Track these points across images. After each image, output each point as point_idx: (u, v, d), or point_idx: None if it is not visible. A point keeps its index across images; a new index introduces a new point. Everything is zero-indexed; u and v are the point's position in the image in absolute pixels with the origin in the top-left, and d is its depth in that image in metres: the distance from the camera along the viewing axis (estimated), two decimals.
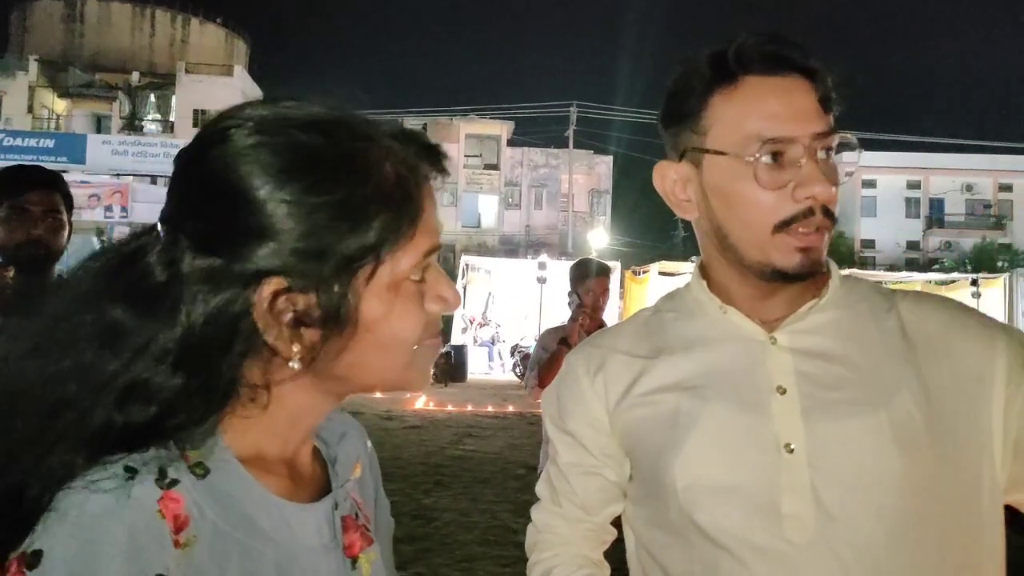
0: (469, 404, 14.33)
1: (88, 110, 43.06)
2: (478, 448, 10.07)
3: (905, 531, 0.98)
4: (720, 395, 1.06)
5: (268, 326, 0.67)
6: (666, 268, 20.00)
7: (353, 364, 0.71)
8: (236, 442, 0.71)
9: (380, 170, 0.70)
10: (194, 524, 0.65)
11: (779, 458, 1.01)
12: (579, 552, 1.21)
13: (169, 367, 0.66)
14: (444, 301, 0.75)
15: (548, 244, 39.32)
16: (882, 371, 1.03)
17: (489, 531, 6.22)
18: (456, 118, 45.18)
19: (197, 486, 0.66)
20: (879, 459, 0.99)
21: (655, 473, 1.08)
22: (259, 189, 0.66)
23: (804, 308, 1.07)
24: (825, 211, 1.01)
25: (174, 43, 50.70)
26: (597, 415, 1.15)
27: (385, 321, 0.70)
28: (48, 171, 2.31)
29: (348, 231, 0.68)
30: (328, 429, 0.85)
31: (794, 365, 1.05)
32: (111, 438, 0.65)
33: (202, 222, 0.68)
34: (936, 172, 46.99)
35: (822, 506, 0.99)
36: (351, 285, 0.68)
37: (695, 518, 1.04)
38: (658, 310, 1.20)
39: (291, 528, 0.72)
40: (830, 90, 1.02)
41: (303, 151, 0.68)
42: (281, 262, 0.67)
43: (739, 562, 1.01)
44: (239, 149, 0.68)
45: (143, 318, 0.66)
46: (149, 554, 0.61)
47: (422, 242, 0.72)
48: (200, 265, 0.67)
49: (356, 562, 0.77)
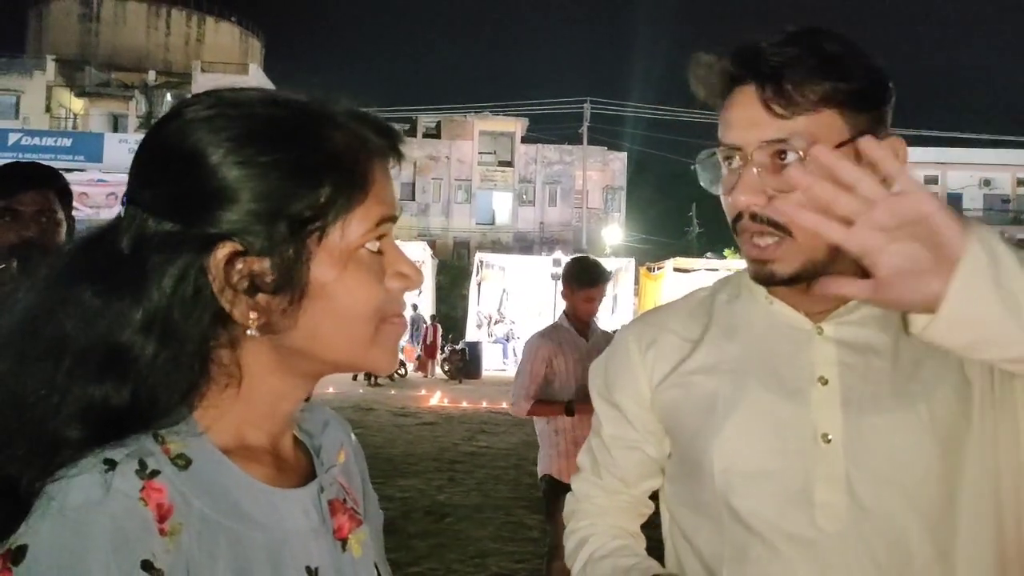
0: (483, 401, 14.36)
1: (105, 109, 43.35)
2: (492, 444, 10.09)
3: (938, 524, 0.99)
4: (761, 382, 1.07)
5: (223, 290, 0.69)
6: (681, 265, 19.94)
7: (312, 335, 0.72)
8: (217, 433, 0.72)
9: (331, 139, 0.72)
10: (179, 512, 0.65)
11: (815, 447, 1.02)
12: (615, 523, 1.23)
13: (140, 336, 0.67)
14: (404, 278, 0.76)
15: (562, 241, 39.28)
16: (925, 364, 1.04)
17: (503, 527, 6.23)
18: (470, 115, 45.17)
19: (180, 476, 0.67)
20: (916, 453, 1.00)
21: (692, 454, 1.10)
22: (212, 154, 0.69)
23: (854, 301, 1.07)
24: (753, 217, 1.01)
25: (189, 42, 50.95)
26: (642, 390, 1.18)
27: (338, 288, 0.71)
28: (42, 168, 2.25)
29: (298, 193, 0.70)
30: (311, 421, 0.87)
31: (838, 356, 1.06)
32: (93, 429, 0.66)
33: (159, 189, 0.70)
34: (953, 167, 46.59)
35: (855, 497, 1.00)
36: (302, 248, 0.70)
37: (729, 502, 1.05)
38: (713, 292, 1.21)
39: (279, 513, 0.72)
40: (786, 90, 0.98)
41: (256, 119, 0.71)
42: (234, 225, 0.68)
43: (769, 547, 1.03)
44: (193, 119, 0.71)
45: (110, 292, 0.68)
46: (135, 542, 0.61)
47: (374, 210, 0.73)
48: (159, 231, 0.68)
49: (346, 543, 0.78)
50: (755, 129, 1.00)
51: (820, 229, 0.80)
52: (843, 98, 0.99)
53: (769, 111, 0.99)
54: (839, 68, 0.99)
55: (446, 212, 44.03)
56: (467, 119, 44.88)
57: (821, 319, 1.08)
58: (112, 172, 32.22)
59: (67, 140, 33.17)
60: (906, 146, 1.04)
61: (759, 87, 1.00)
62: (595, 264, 4.33)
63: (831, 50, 1.00)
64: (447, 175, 44.09)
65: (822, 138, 0.98)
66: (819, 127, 0.99)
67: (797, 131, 0.98)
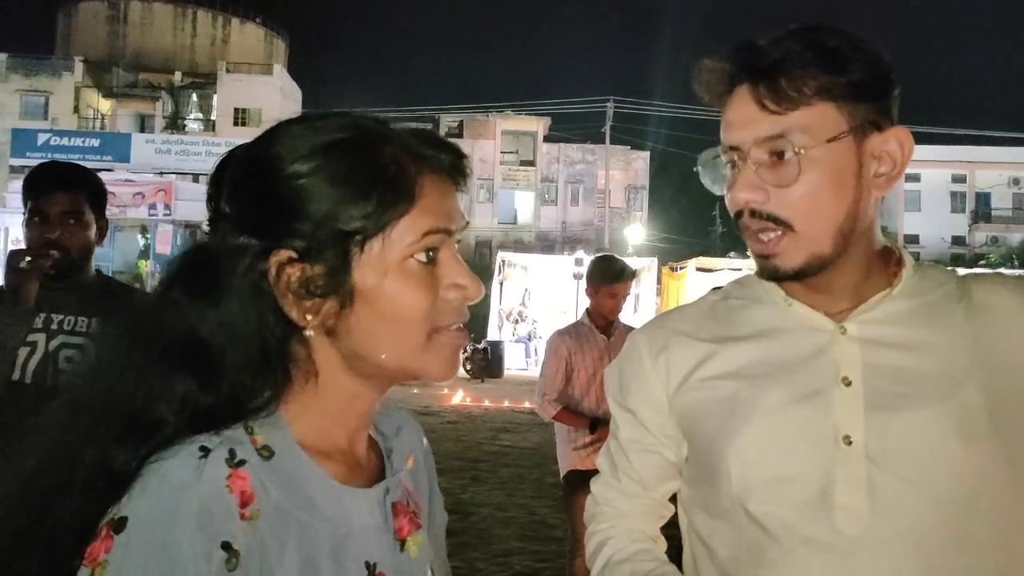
0: (506, 400, 14.37)
1: (132, 110, 43.86)
2: (514, 443, 10.09)
3: (961, 527, 0.98)
4: (781, 385, 1.06)
5: (281, 295, 0.75)
6: (704, 264, 19.83)
7: (366, 339, 0.77)
8: (298, 429, 0.77)
9: (380, 152, 0.77)
10: (259, 500, 0.71)
11: (836, 450, 1.01)
12: (635, 526, 1.23)
13: (218, 333, 0.74)
14: (462, 288, 0.79)
15: (584, 240, 39.22)
16: (950, 362, 1.03)
17: (526, 526, 6.24)
18: (492, 114, 45.22)
19: (263, 466, 0.73)
20: (939, 454, 0.98)
21: (709, 459, 1.10)
22: (282, 171, 0.75)
23: (876, 298, 1.07)
24: (753, 213, 1.02)
25: (215, 43, 51.40)
26: (657, 395, 1.17)
27: (382, 294, 0.76)
28: (75, 170, 2.27)
29: (347, 203, 0.75)
30: (387, 424, 0.92)
31: (862, 356, 1.05)
32: (186, 417, 0.72)
33: (236, 204, 0.77)
34: (982, 165, 45.97)
35: (877, 499, 0.99)
36: (346, 255, 0.75)
37: (746, 506, 1.04)
38: (727, 296, 1.20)
39: (346, 509, 0.78)
40: (779, 86, 0.99)
41: (316, 138, 0.77)
42: (290, 234, 0.75)
43: (787, 551, 1.02)
44: (271, 142, 0.78)
45: (194, 292, 0.75)
46: (218, 523, 0.68)
47: (421, 221, 0.77)
48: (234, 243, 0.76)
49: (404, 544, 0.82)
50: (751, 127, 1.01)
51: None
52: (839, 90, 0.99)
53: (763, 108, 1.00)
54: (833, 60, 0.99)
55: (468, 211, 42.92)
56: (489, 119, 44.92)
57: (843, 318, 1.07)
58: (139, 172, 32.63)
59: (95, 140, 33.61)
60: (912, 138, 1.04)
61: (752, 85, 1.01)
62: (619, 262, 4.34)
63: (827, 43, 1.00)
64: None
65: (817, 131, 0.99)
66: (814, 120, 0.99)
67: (791, 126, 0.99)
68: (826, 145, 0.99)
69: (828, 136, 0.99)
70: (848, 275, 1.06)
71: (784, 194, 1.00)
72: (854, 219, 1.02)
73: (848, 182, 1.01)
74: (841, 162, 1.01)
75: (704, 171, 1.10)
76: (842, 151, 1.00)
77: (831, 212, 1.01)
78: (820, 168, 1.00)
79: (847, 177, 1.01)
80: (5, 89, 40.87)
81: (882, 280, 1.08)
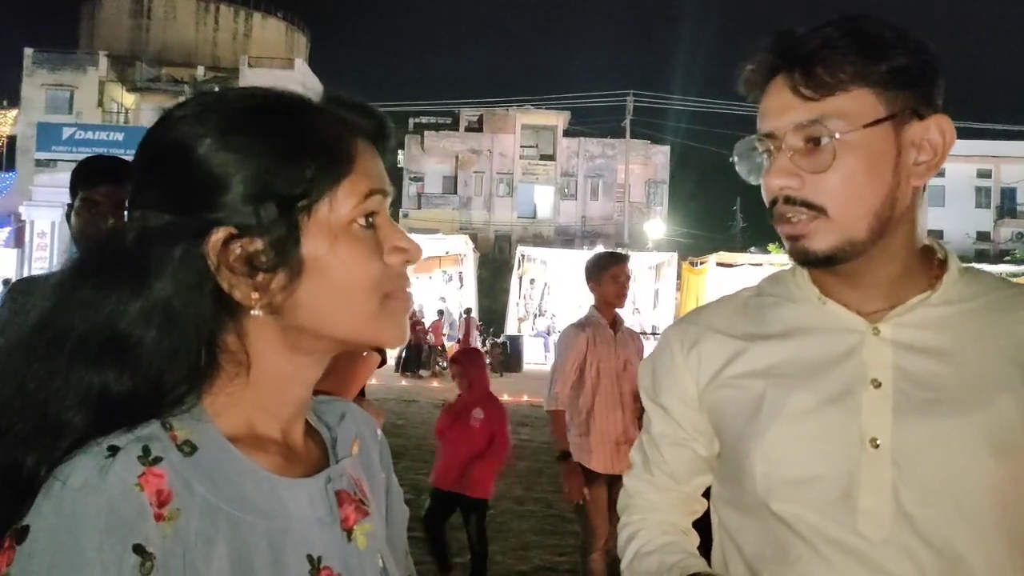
0: (524, 394, 14.37)
1: (155, 104, 44.04)
2: (533, 438, 10.10)
3: (986, 536, 0.97)
4: (808, 385, 1.05)
5: (223, 274, 0.71)
6: (724, 259, 19.74)
7: (315, 311, 0.74)
8: (226, 421, 0.74)
9: (311, 121, 0.75)
10: (179, 498, 0.67)
11: (862, 452, 1.00)
12: (666, 519, 1.23)
13: (139, 325, 0.69)
14: (403, 251, 0.78)
15: (604, 235, 39.08)
16: (986, 373, 1.01)
17: (544, 520, 6.26)
18: (512, 109, 45.14)
19: (184, 463, 0.69)
20: (967, 464, 0.97)
21: (736, 456, 1.10)
22: (200, 145, 0.72)
23: (914, 300, 1.05)
24: (788, 200, 1.02)
25: (236, 37, 51.65)
26: (689, 391, 1.17)
27: (332, 261, 0.74)
28: (122, 163, 2.30)
29: (284, 173, 0.72)
30: (329, 413, 0.89)
31: (893, 359, 1.03)
32: (97, 415, 0.68)
33: (154, 187, 0.74)
34: (1007, 160, 45.34)
35: (901, 504, 0.98)
36: (292, 225, 0.73)
37: (770, 505, 1.05)
38: (760, 292, 1.20)
39: (283, 502, 0.74)
40: (815, 73, 0.99)
41: (240, 111, 0.75)
42: (226, 210, 0.72)
43: (812, 549, 1.01)
44: (181, 117, 0.75)
45: (109, 284, 0.70)
46: (128, 526, 0.64)
47: (360, 184, 0.75)
48: (157, 224, 0.71)
49: (351, 534, 0.79)
50: (786, 114, 1.01)
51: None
52: (878, 77, 0.99)
53: (799, 95, 1.00)
54: (873, 47, 0.99)
55: (488, 206, 44.09)
56: (509, 112, 44.84)
57: (878, 319, 1.05)
58: None
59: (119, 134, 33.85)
60: (953, 127, 1.03)
61: (787, 73, 1.01)
62: (608, 251, 4.76)
63: (867, 30, 1.00)
64: (489, 169, 44.13)
65: (854, 117, 0.98)
66: (850, 106, 0.99)
67: (827, 112, 0.98)
68: (863, 131, 0.98)
69: (865, 122, 0.98)
70: (883, 267, 1.05)
71: (819, 180, 1.00)
72: (891, 206, 1.01)
73: (885, 169, 1.00)
74: (878, 148, 0.99)
75: (740, 161, 1.10)
76: (880, 137, 0.99)
77: (866, 198, 1.00)
78: (856, 154, 0.99)
79: (884, 164, 1.00)
80: (31, 84, 41.28)
81: (922, 281, 1.07)
